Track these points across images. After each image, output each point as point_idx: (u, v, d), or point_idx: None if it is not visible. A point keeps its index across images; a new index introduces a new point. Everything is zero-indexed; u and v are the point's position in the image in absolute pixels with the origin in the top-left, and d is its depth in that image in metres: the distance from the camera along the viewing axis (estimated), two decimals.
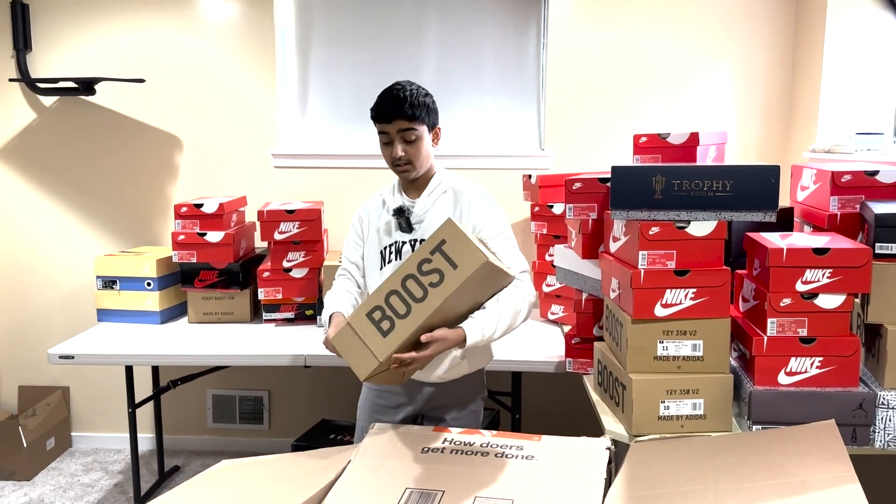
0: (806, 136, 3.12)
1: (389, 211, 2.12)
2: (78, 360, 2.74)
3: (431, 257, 1.67)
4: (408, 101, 2.01)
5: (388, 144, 2.05)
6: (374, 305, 1.71)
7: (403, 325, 1.68)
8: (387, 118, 2.02)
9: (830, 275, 1.77)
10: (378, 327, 1.70)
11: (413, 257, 1.71)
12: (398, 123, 2.02)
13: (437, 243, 1.67)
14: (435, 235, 1.69)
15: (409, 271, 1.69)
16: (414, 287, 1.68)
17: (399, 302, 1.68)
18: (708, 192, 1.81)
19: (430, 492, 1.60)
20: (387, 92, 2.05)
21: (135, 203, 3.53)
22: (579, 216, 2.22)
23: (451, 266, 1.66)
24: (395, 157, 2.03)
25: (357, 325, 1.72)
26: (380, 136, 2.07)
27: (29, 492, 3.26)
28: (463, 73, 3.45)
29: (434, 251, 1.67)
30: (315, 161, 3.46)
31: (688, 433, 1.83)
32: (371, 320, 1.70)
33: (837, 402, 1.78)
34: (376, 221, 2.16)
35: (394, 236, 2.10)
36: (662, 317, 1.82)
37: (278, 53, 3.43)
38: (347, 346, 1.75)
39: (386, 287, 1.71)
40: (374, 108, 2.05)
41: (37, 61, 3.44)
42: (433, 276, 1.66)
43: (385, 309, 1.69)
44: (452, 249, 1.66)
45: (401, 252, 2.08)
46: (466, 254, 1.65)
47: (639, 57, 3.31)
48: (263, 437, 3.64)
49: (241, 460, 1.92)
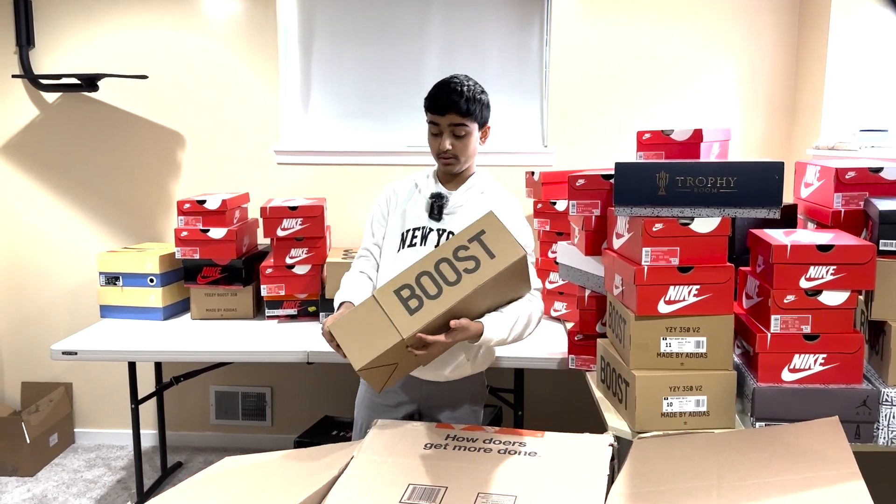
0: (810, 133, 3.11)
1: (423, 195, 2.13)
2: (81, 356, 2.74)
3: (469, 245, 1.71)
4: (464, 96, 2.02)
5: (436, 135, 2.07)
6: (403, 283, 1.72)
7: (432, 305, 1.69)
8: (441, 110, 2.03)
9: (834, 272, 1.76)
10: (406, 304, 1.71)
11: (449, 244, 1.73)
12: (451, 117, 2.03)
13: (476, 232, 1.71)
14: (475, 225, 1.73)
15: (444, 255, 1.71)
16: (448, 271, 1.70)
17: (430, 283, 1.70)
18: (712, 188, 1.80)
19: (434, 488, 1.60)
20: (443, 83, 2.05)
21: (138, 199, 3.53)
22: (582, 213, 2.22)
23: (488, 255, 1.69)
24: (442, 149, 2.05)
25: (383, 300, 1.72)
26: (429, 125, 2.07)
27: (32, 488, 3.26)
28: (466, 69, 3.44)
29: (472, 240, 1.71)
30: (318, 158, 3.46)
31: (691, 430, 1.83)
32: (399, 297, 1.71)
33: (841, 399, 1.77)
34: (404, 203, 2.16)
35: (421, 221, 2.11)
36: (666, 313, 1.81)
37: (281, 49, 3.43)
38: (355, 329, 1.74)
39: (418, 268, 1.73)
40: (429, 99, 2.05)
41: (39, 57, 3.44)
42: (469, 262, 1.69)
43: (415, 288, 1.70)
44: (492, 240, 1.70)
45: (427, 238, 2.08)
46: (506, 245, 1.70)
47: (642, 53, 3.31)
48: (266, 433, 3.65)
49: (243, 458, 1.92)
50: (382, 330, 1.71)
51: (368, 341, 1.73)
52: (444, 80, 2.07)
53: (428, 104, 2.06)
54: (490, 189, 2.15)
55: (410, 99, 3.50)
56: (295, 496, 1.58)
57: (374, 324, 1.72)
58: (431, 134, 2.08)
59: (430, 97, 2.06)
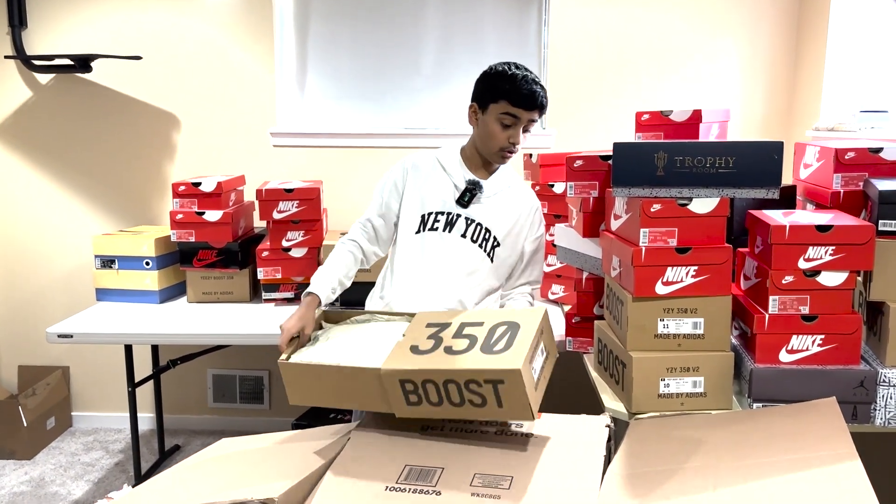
0: (809, 114, 3.09)
1: (451, 177, 2.10)
2: (77, 338, 2.73)
3: (482, 385, 1.56)
4: (545, 93, 2.01)
5: (508, 127, 2.02)
6: (408, 378, 1.62)
7: (431, 410, 1.63)
8: (531, 105, 1.99)
9: (833, 252, 1.75)
10: (406, 397, 1.63)
11: (462, 370, 1.58)
12: (533, 114, 2.01)
13: (494, 378, 1.55)
14: (496, 370, 1.55)
15: (454, 378, 1.58)
16: (453, 392, 1.60)
17: (434, 393, 1.61)
18: (710, 168, 1.79)
19: (430, 468, 1.59)
20: (527, 77, 2.00)
21: (132, 182, 3.50)
22: (580, 194, 2.20)
23: (496, 404, 1.57)
24: (516, 143, 2.03)
25: (387, 381, 1.63)
26: (503, 116, 2.01)
27: (30, 471, 3.27)
28: (464, 50, 3.42)
29: (488, 382, 1.56)
30: (314, 140, 3.44)
31: (688, 411, 1.82)
32: (402, 387, 1.63)
33: (839, 380, 1.77)
34: (425, 181, 2.11)
35: (447, 206, 2.08)
36: (663, 294, 1.80)
37: (276, 30, 3.39)
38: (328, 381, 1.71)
39: (426, 370, 1.61)
40: (516, 93, 1.98)
41: (32, 38, 3.40)
42: (476, 397, 1.58)
43: (419, 388, 1.61)
44: (507, 394, 1.55)
45: (453, 225, 2.06)
46: (519, 407, 1.56)
47: (641, 35, 3.28)
48: (264, 416, 3.65)
49: (239, 439, 1.91)
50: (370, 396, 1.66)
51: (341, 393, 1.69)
52: (521, 73, 2.00)
53: (513, 97, 1.99)
54: (515, 183, 2.16)
55: (408, 80, 3.47)
56: (291, 477, 1.58)
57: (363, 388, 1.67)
58: (502, 124, 2.02)
59: (516, 91, 1.98)
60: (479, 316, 1.76)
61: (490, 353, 1.60)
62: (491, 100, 2.02)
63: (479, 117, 2.08)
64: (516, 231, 2.12)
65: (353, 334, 1.89)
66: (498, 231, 2.10)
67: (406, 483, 1.55)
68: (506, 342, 1.62)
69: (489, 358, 1.59)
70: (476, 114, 2.09)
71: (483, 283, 2.13)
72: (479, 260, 2.09)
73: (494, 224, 2.09)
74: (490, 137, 2.04)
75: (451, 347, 1.66)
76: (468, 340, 1.67)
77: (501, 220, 2.10)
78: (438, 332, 1.73)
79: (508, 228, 2.11)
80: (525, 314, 1.71)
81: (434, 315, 1.82)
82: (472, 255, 2.08)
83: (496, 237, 2.09)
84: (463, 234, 2.07)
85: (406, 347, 1.71)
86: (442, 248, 2.08)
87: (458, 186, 2.08)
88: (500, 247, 2.10)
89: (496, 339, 1.64)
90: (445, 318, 1.78)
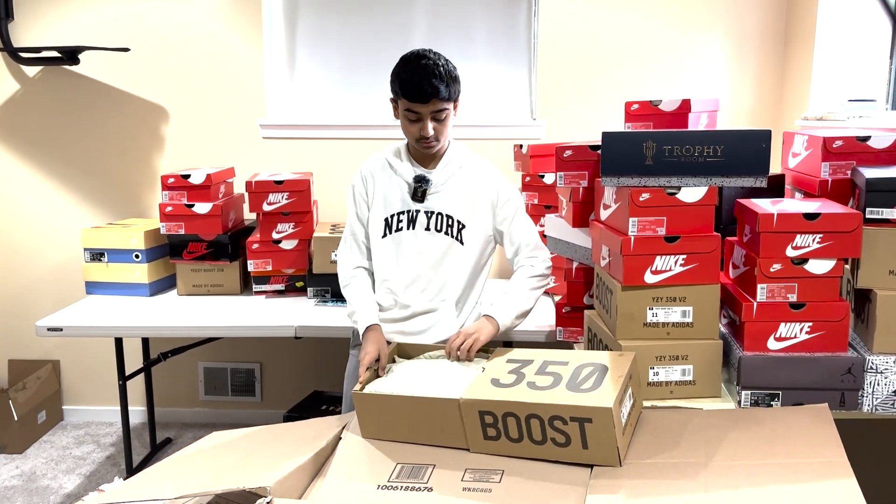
0: (798, 103, 3.10)
1: (402, 177, 2.09)
2: (66, 332, 2.72)
3: (568, 423, 1.50)
4: (444, 81, 1.94)
5: (415, 122, 1.98)
6: (488, 409, 1.57)
7: (510, 447, 1.58)
8: (423, 98, 1.93)
9: (821, 240, 1.76)
10: (484, 430, 1.58)
11: (548, 405, 1.52)
12: (433, 104, 1.95)
13: (582, 416, 1.49)
14: (585, 406, 1.49)
15: (537, 412, 1.53)
16: (536, 428, 1.54)
17: (514, 428, 1.56)
18: (699, 157, 1.79)
19: (421, 466, 1.60)
20: (419, 68, 1.93)
21: (121, 174, 3.49)
22: (570, 184, 2.20)
23: (581, 444, 1.51)
24: (425, 136, 1.98)
25: (466, 412, 1.59)
26: (406, 112, 1.98)
27: (21, 465, 3.26)
28: (453, 40, 3.41)
29: (574, 420, 1.50)
30: (303, 131, 3.43)
31: (677, 399, 1.83)
32: (481, 419, 1.58)
33: (827, 367, 1.78)
34: (383, 186, 2.11)
35: (406, 204, 2.07)
36: (652, 283, 1.81)
37: (265, 21, 3.38)
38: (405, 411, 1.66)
39: (509, 402, 1.56)
40: (407, 86, 1.94)
41: (19, 30, 3.37)
42: (560, 436, 1.52)
43: (498, 421, 1.56)
44: (594, 435, 1.50)
45: (414, 221, 2.06)
46: (605, 449, 1.50)
47: (631, 25, 3.28)
48: (256, 408, 3.65)
49: (230, 432, 1.91)
50: (447, 429, 1.61)
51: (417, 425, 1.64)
52: (415, 62, 1.95)
53: (405, 92, 1.94)
54: (466, 161, 2.12)
55: None
56: (283, 467, 1.58)
57: (439, 420, 1.62)
58: (409, 120, 1.98)
59: (406, 83, 1.94)
60: (563, 356, 1.73)
61: (577, 392, 1.55)
62: (396, 95, 2.01)
63: (396, 111, 2.06)
64: (480, 207, 2.09)
65: (428, 368, 1.86)
66: (460, 214, 2.08)
67: (398, 481, 1.56)
68: (594, 382, 1.57)
69: (577, 395, 1.53)
70: (395, 108, 2.07)
71: (461, 266, 2.11)
72: (448, 246, 2.08)
73: (454, 208, 2.08)
74: (404, 130, 2.04)
75: (535, 383, 1.61)
76: (552, 378, 1.62)
77: (460, 202, 2.08)
78: (520, 368, 1.69)
79: (470, 208, 2.09)
80: (614, 358, 1.67)
81: (515, 352, 1.80)
82: (440, 244, 2.08)
83: (460, 220, 2.08)
84: (427, 227, 2.07)
85: (486, 380, 1.66)
86: (410, 245, 2.08)
87: (409, 184, 2.08)
88: (467, 228, 2.08)
89: (583, 379, 1.59)
90: (527, 356, 1.75)
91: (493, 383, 1.64)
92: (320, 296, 2.98)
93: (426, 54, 1.98)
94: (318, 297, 2.99)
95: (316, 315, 2.80)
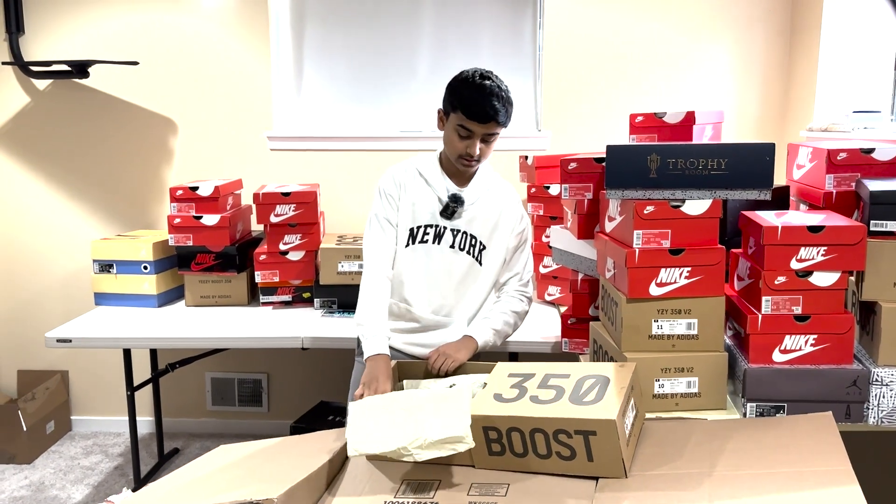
0: (803, 114, 3.11)
1: (434, 190, 2.11)
2: (76, 343, 2.74)
3: (572, 436, 1.50)
4: (504, 106, 1.98)
5: (465, 139, 2.00)
6: (492, 425, 1.56)
7: (515, 462, 1.57)
8: (483, 118, 1.96)
9: (825, 252, 1.76)
10: (488, 446, 1.57)
11: (552, 418, 1.52)
12: (490, 126, 1.98)
13: (586, 428, 1.49)
14: (589, 419, 1.49)
15: (542, 427, 1.52)
16: (540, 443, 1.54)
17: (519, 443, 1.55)
18: (703, 170, 1.80)
19: (427, 481, 1.60)
20: (483, 88, 1.96)
21: (130, 186, 3.52)
22: (575, 196, 2.21)
23: (586, 456, 1.51)
24: (472, 154, 2.01)
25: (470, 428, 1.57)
26: (458, 127, 2.00)
27: (30, 475, 3.28)
28: (458, 51, 3.43)
29: (579, 433, 1.50)
30: (311, 143, 3.45)
31: (682, 411, 1.84)
32: (485, 435, 1.57)
33: (832, 380, 1.78)
34: (413, 195, 2.12)
35: (434, 219, 2.10)
36: (657, 296, 1.82)
37: (272, 35, 3.41)
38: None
39: (513, 416, 1.55)
40: (468, 104, 1.96)
41: (30, 44, 3.41)
42: (565, 449, 1.52)
43: (503, 437, 1.56)
44: (599, 447, 1.49)
45: (441, 237, 2.09)
46: (610, 462, 1.50)
47: (636, 36, 3.29)
48: (263, 419, 3.66)
49: (237, 445, 1.92)
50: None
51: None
52: (479, 83, 1.97)
53: (467, 111, 1.96)
54: (493, 184, 2.17)
55: (403, 83, 3.48)
56: (290, 479, 1.59)
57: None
58: (459, 136, 2.00)
59: (470, 103, 1.95)
60: (564, 368, 1.72)
61: (580, 404, 1.54)
62: (451, 108, 2.02)
63: (444, 123, 2.09)
64: (499, 230, 2.15)
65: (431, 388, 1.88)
66: (482, 235, 2.14)
67: (404, 496, 1.56)
68: (596, 394, 1.57)
69: (581, 408, 1.53)
70: (441, 119, 2.09)
71: (478, 287, 2.16)
72: (468, 265, 2.14)
73: (478, 229, 2.14)
74: (449, 144, 2.06)
75: (538, 397, 1.61)
76: (555, 391, 1.62)
77: (484, 223, 2.14)
78: (522, 382, 1.68)
79: (491, 230, 2.14)
80: (615, 369, 1.68)
81: (516, 365, 1.80)
82: (461, 263, 2.13)
83: (481, 241, 2.14)
84: (451, 244, 2.11)
85: (489, 395, 1.65)
86: (434, 260, 2.12)
87: (441, 199, 2.11)
88: (487, 249, 2.14)
89: (585, 391, 1.59)
90: (528, 370, 1.75)
91: (496, 398, 1.64)
92: (327, 307, 3.00)
93: (488, 75, 2.01)
94: (324, 307, 3.00)
95: (323, 326, 2.81)
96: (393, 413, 1.70)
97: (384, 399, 1.81)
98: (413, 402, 1.74)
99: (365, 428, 1.68)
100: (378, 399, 1.81)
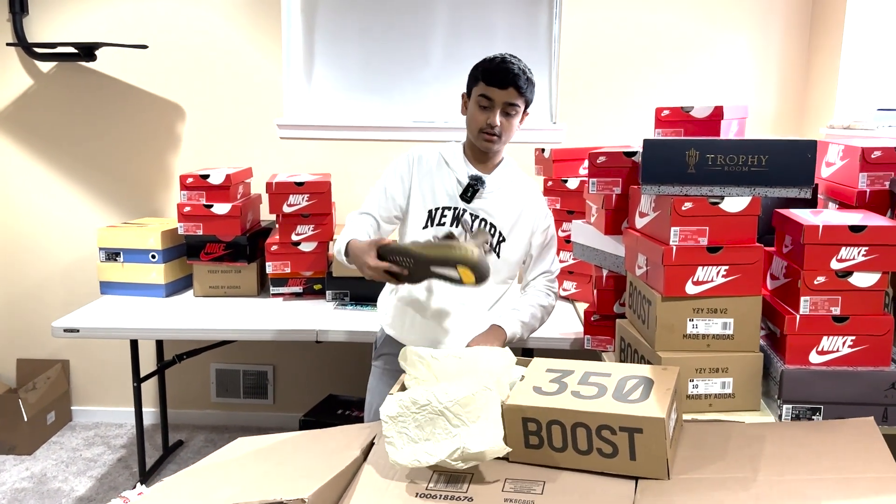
0: (822, 111, 3.08)
1: (454, 172, 2.08)
2: (83, 333, 2.68)
3: (616, 433, 1.45)
4: (524, 75, 1.98)
5: (485, 109, 1.99)
6: (533, 416, 1.52)
7: (552, 456, 1.52)
8: (502, 83, 1.96)
9: (866, 253, 1.73)
10: (526, 438, 1.53)
11: (597, 413, 1.47)
12: (509, 93, 1.97)
13: (633, 425, 1.45)
14: (636, 416, 1.45)
15: (585, 421, 1.48)
16: (581, 438, 1.49)
17: (559, 437, 1.51)
18: (743, 166, 1.76)
19: (459, 474, 1.56)
20: (501, 59, 1.98)
21: (137, 173, 3.44)
22: (602, 191, 2.17)
23: (629, 455, 1.47)
24: (492, 125, 1.98)
25: (508, 418, 1.54)
26: (479, 98, 1.99)
27: (31, 466, 3.21)
28: (473, 43, 3.38)
29: (624, 430, 1.45)
30: (321, 132, 3.39)
31: (716, 412, 1.80)
32: (524, 427, 1.53)
33: (869, 382, 1.75)
34: (432, 176, 2.09)
35: (453, 201, 2.07)
36: (693, 294, 1.78)
37: (284, 21, 3.34)
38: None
39: (555, 409, 1.51)
40: (488, 71, 1.97)
41: (34, 25, 3.33)
42: (607, 446, 1.47)
43: (542, 429, 1.52)
44: (644, 445, 1.44)
45: (459, 220, 2.06)
46: (654, 461, 1.45)
47: (652, 30, 3.25)
48: (268, 411, 3.61)
49: (256, 438, 1.88)
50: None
51: None
52: (499, 56, 2.00)
53: (486, 76, 1.97)
54: (517, 178, 2.14)
55: (416, 73, 3.42)
56: (319, 477, 1.54)
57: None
58: (480, 107, 1.99)
59: (488, 69, 1.98)
60: (604, 367, 1.68)
61: (625, 402, 1.50)
62: (472, 83, 2.03)
63: (467, 107, 2.08)
64: (521, 225, 2.11)
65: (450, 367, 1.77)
66: (503, 226, 2.09)
67: (436, 489, 1.52)
68: (641, 393, 1.53)
69: (626, 405, 1.49)
70: (465, 103, 2.09)
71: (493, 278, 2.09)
72: None
73: (499, 219, 2.09)
74: (471, 121, 2.04)
75: (579, 392, 1.56)
76: (597, 388, 1.57)
77: (506, 214, 2.09)
78: (562, 378, 1.64)
79: (513, 223, 2.10)
80: (657, 371, 1.64)
81: (553, 361, 1.75)
82: None
83: (501, 232, 2.08)
84: (470, 229, 2.06)
85: (528, 387, 1.61)
86: None
87: (461, 182, 2.07)
88: (506, 241, 2.09)
89: (629, 390, 1.55)
90: (566, 366, 1.70)
91: (536, 391, 1.60)
92: (339, 299, 2.95)
93: (507, 55, 2.02)
94: (336, 300, 2.95)
95: (335, 319, 2.76)
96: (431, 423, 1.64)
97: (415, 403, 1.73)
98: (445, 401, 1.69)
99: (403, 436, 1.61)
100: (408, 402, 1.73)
